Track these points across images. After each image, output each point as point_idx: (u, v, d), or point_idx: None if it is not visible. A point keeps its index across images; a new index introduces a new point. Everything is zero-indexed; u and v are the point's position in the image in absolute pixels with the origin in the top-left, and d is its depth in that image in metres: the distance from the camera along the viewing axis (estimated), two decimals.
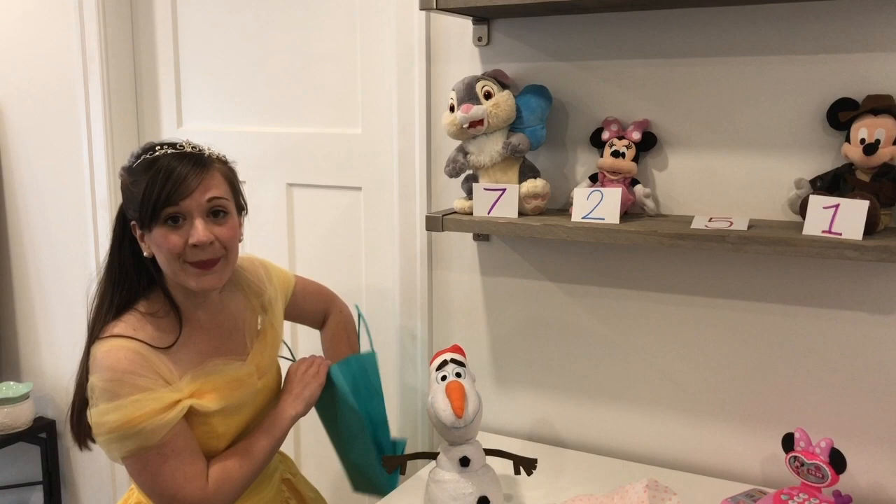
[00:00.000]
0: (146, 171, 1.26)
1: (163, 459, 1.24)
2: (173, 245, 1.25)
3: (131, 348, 1.25)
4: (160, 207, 1.24)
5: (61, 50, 2.24)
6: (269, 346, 1.48)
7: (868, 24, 1.37)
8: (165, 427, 1.23)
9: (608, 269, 1.66)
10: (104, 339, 1.26)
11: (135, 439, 1.22)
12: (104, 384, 1.23)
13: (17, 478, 2.57)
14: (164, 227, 1.25)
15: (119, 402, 1.21)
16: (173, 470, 1.25)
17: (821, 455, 1.32)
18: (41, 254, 2.42)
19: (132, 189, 1.28)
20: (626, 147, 1.52)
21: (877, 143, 1.32)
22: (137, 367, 1.24)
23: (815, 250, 1.29)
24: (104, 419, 1.22)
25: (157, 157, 1.27)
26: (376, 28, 1.87)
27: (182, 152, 1.29)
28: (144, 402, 1.22)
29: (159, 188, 1.23)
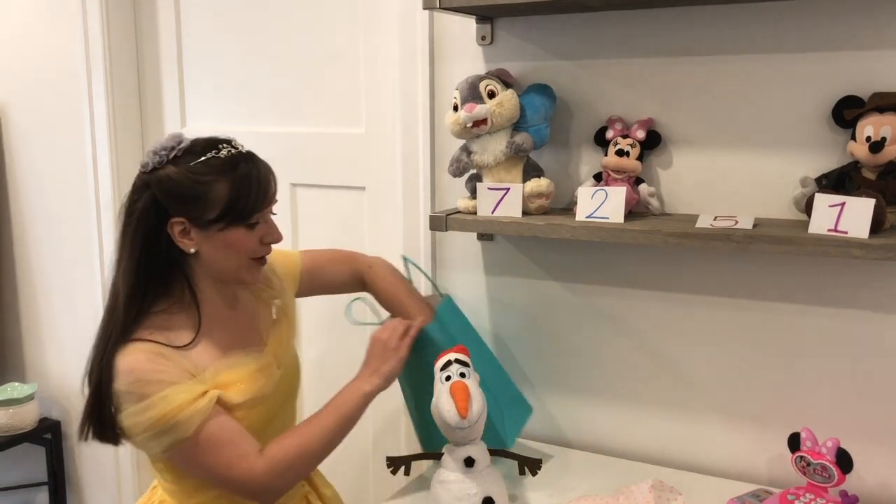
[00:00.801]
0: (223, 172, 1.27)
1: (205, 448, 1.24)
2: (249, 244, 1.32)
3: (150, 349, 1.26)
4: (251, 212, 1.29)
5: (65, 50, 2.25)
6: (284, 334, 1.48)
7: (874, 21, 1.37)
8: (199, 416, 1.24)
9: (613, 268, 1.66)
10: (123, 346, 1.26)
11: (171, 434, 1.23)
12: (129, 387, 1.23)
13: (23, 478, 2.57)
14: (241, 229, 1.30)
15: (148, 402, 1.22)
16: (216, 456, 1.25)
17: (827, 455, 1.31)
18: (45, 255, 2.43)
19: (199, 187, 1.26)
20: (631, 146, 1.52)
21: (883, 140, 1.31)
22: (160, 365, 1.25)
23: (820, 249, 1.29)
24: (137, 420, 1.23)
25: (232, 157, 1.29)
26: (379, 28, 1.87)
27: (248, 153, 1.33)
28: (173, 395, 1.23)
29: (254, 193, 1.29)
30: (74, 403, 2.47)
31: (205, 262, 1.32)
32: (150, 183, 1.28)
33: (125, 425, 1.25)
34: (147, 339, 1.27)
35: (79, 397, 2.42)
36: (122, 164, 2.25)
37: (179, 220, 1.28)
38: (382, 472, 2.02)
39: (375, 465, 2.06)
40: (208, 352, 1.33)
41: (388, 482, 1.84)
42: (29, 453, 2.50)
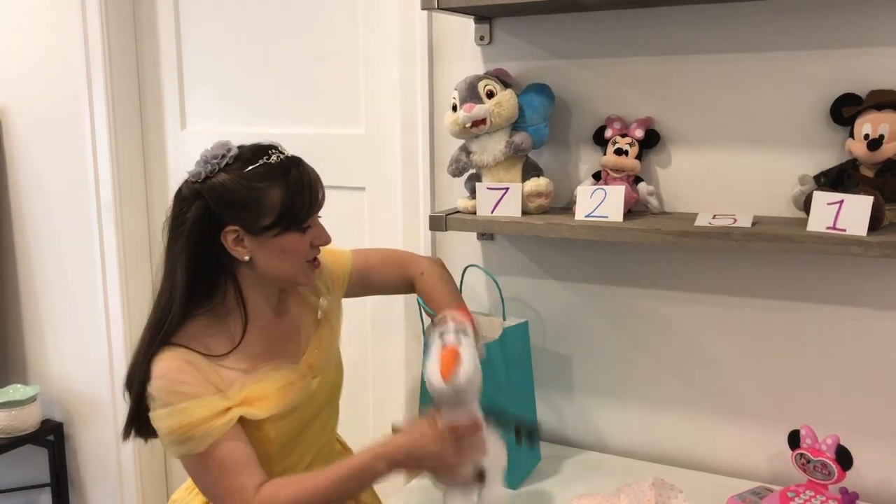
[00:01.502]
0: (276, 179, 1.27)
1: (209, 469, 1.25)
2: (302, 248, 1.32)
3: (183, 357, 1.27)
4: (304, 217, 1.30)
5: (65, 53, 2.25)
6: (325, 338, 1.46)
7: (871, 19, 1.37)
8: (213, 435, 1.24)
9: (612, 267, 1.66)
10: (161, 350, 1.28)
11: (185, 445, 1.24)
12: (157, 392, 1.25)
13: (25, 480, 2.58)
14: (294, 234, 1.30)
15: (170, 409, 1.23)
16: (216, 480, 1.25)
17: (827, 452, 1.31)
18: (47, 257, 2.43)
19: (253, 194, 1.26)
20: (630, 145, 1.52)
21: (881, 138, 1.31)
22: (187, 376, 1.26)
23: (819, 246, 1.29)
24: (160, 424, 1.25)
25: (282, 164, 1.29)
26: (378, 28, 1.87)
27: (297, 159, 1.33)
28: (192, 409, 1.23)
29: (307, 198, 1.29)
30: (76, 405, 2.47)
31: (258, 268, 1.32)
32: (201, 192, 1.27)
33: (154, 425, 1.27)
34: (184, 345, 1.28)
35: (80, 399, 2.45)
36: (123, 166, 2.26)
37: (233, 228, 1.27)
38: None
39: None
40: (240, 364, 1.32)
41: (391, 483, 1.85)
42: (31, 455, 2.50)
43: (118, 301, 2.30)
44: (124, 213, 2.28)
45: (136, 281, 2.33)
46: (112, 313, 2.32)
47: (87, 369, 2.41)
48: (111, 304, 2.32)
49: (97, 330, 2.36)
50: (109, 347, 2.35)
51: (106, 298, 2.32)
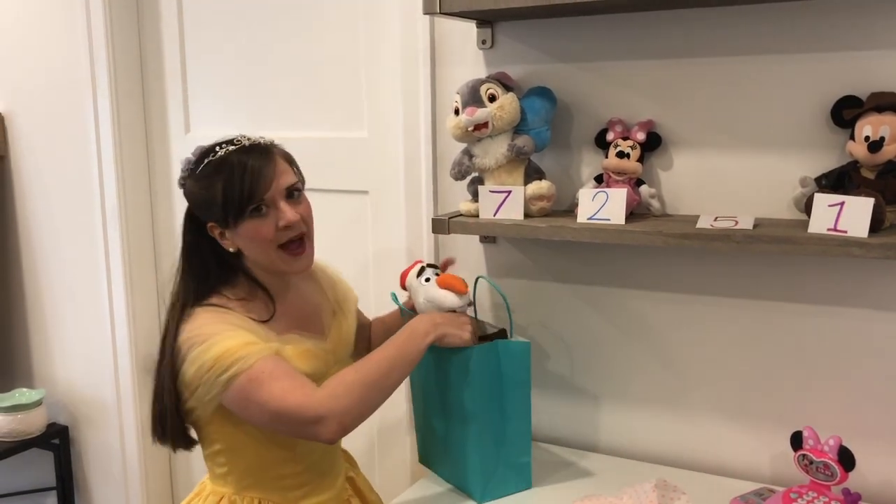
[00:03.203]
0: (217, 173, 1.32)
1: (261, 382, 1.26)
2: (266, 233, 1.33)
3: (215, 310, 1.33)
4: (245, 203, 1.32)
5: (69, 58, 2.26)
6: (343, 332, 1.53)
7: (872, 21, 1.37)
8: (259, 352, 1.27)
9: (614, 269, 1.66)
10: (189, 311, 1.33)
11: (232, 367, 1.25)
12: (192, 332, 1.29)
13: (31, 483, 2.59)
14: (252, 220, 1.33)
15: (212, 340, 1.27)
16: (270, 388, 1.25)
17: (829, 453, 1.32)
18: (52, 262, 2.44)
19: (205, 193, 1.34)
20: (631, 147, 1.53)
21: (881, 140, 1.31)
22: (225, 315, 1.32)
23: (820, 248, 1.29)
24: (201, 361, 1.26)
25: (223, 156, 1.34)
26: (381, 33, 1.88)
27: (244, 146, 1.36)
28: (237, 334, 1.28)
29: (240, 185, 1.31)
30: (82, 409, 2.48)
31: (248, 258, 1.39)
32: (184, 196, 1.39)
33: (189, 375, 1.28)
34: (213, 304, 1.34)
35: (86, 402, 2.46)
36: (128, 172, 2.27)
37: (212, 224, 1.37)
38: (388, 473, 2.04)
39: (381, 465, 2.06)
40: (273, 329, 1.37)
41: (395, 485, 1.86)
42: (37, 458, 2.51)
43: (123, 305, 2.31)
44: (129, 217, 2.29)
45: (141, 285, 2.34)
46: (117, 317, 2.33)
47: (93, 373, 2.42)
48: (116, 309, 2.33)
49: (102, 334, 2.37)
50: (114, 351, 2.36)
51: (111, 303, 2.33)
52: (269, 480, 1.41)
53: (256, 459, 1.40)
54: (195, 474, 2.44)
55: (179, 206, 2.26)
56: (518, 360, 1.47)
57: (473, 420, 1.44)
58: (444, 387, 1.48)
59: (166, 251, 2.34)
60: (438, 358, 1.48)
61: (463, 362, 1.43)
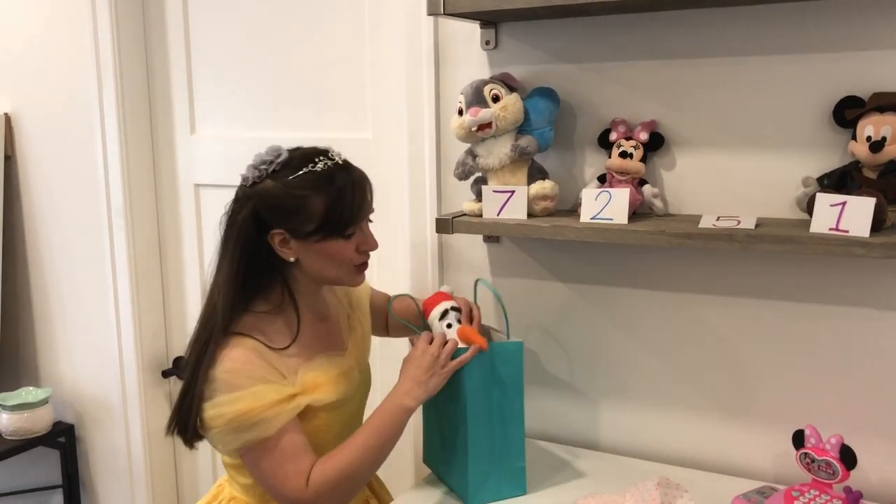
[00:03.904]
0: (320, 187, 1.31)
1: (272, 455, 1.28)
2: (348, 253, 1.36)
3: (251, 346, 1.32)
4: (346, 225, 1.33)
5: (75, 59, 2.27)
6: (360, 339, 1.54)
7: (874, 21, 1.38)
8: (282, 419, 1.28)
9: (617, 268, 1.67)
10: (225, 339, 1.31)
11: (251, 431, 1.26)
12: (225, 375, 1.28)
13: (37, 482, 2.60)
14: (339, 240, 1.34)
15: (239, 394, 1.27)
16: (277, 466, 1.28)
17: (831, 451, 1.32)
18: (58, 261, 2.46)
19: (296, 202, 1.31)
20: (634, 147, 1.53)
21: (883, 140, 1.32)
22: (257, 362, 1.30)
23: (822, 248, 1.30)
24: (222, 411, 1.27)
25: (327, 171, 1.33)
26: (385, 34, 1.89)
27: (343, 165, 1.36)
28: (264, 392, 1.28)
29: (349, 207, 1.33)
30: (88, 407, 2.50)
31: (305, 269, 1.38)
32: (250, 196, 1.34)
33: (208, 415, 1.28)
34: (249, 335, 1.32)
35: (92, 401, 2.47)
36: (133, 171, 2.28)
37: (279, 231, 1.33)
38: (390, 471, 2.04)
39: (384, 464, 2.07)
40: (298, 355, 1.37)
41: (398, 482, 1.87)
42: (43, 457, 2.53)
43: (129, 304, 2.32)
44: (134, 217, 2.30)
45: (147, 284, 2.35)
46: (123, 316, 2.34)
47: (99, 372, 2.43)
48: (122, 308, 2.34)
49: (108, 333, 2.38)
50: (120, 350, 2.37)
51: (117, 301, 2.34)
52: None
53: None
54: (201, 473, 2.45)
55: (185, 205, 2.29)
56: (511, 361, 1.47)
57: (467, 422, 1.44)
58: (445, 389, 1.49)
59: (172, 251, 2.36)
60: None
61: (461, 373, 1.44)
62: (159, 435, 2.43)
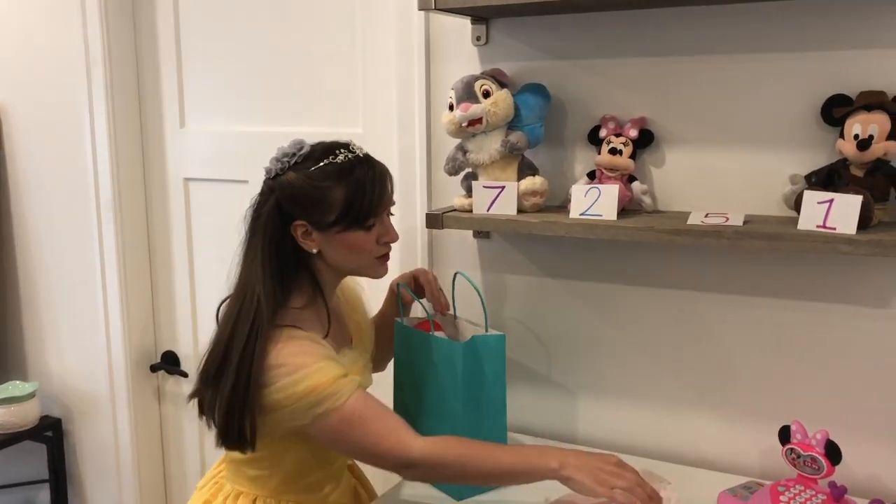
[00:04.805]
0: (341, 178, 1.33)
1: (354, 421, 1.28)
2: (368, 245, 1.38)
3: (302, 334, 1.33)
4: (366, 216, 1.35)
5: (64, 52, 2.26)
6: (364, 335, 1.57)
7: (861, 20, 1.39)
8: (351, 387, 1.29)
9: (606, 264, 1.68)
10: (273, 331, 1.31)
11: (323, 403, 1.27)
12: (284, 359, 1.28)
13: (24, 476, 2.59)
14: (360, 231, 1.36)
15: (304, 371, 1.27)
16: (365, 428, 1.29)
17: (817, 447, 1.33)
18: (46, 253, 2.44)
19: (318, 193, 1.33)
20: (624, 144, 1.54)
21: (870, 138, 1.33)
22: (313, 345, 1.33)
23: (809, 245, 1.31)
24: (290, 392, 1.27)
25: (348, 162, 1.35)
26: (376, 28, 1.89)
27: (364, 158, 1.38)
28: (329, 367, 1.29)
29: (369, 198, 1.35)
30: (75, 402, 2.49)
31: (328, 260, 1.40)
32: (273, 188, 1.36)
33: (274, 398, 1.27)
34: (292, 325, 1.34)
35: (79, 395, 2.46)
36: (122, 164, 2.27)
37: (301, 222, 1.35)
38: None
39: None
40: (333, 346, 1.39)
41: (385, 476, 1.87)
42: (30, 451, 2.52)
43: (117, 298, 2.31)
44: (123, 211, 2.29)
45: (136, 278, 2.34)
46: (111, 310, 2.33)
47: (86, 366, 2.43)
48: (110, 302, 2.33)
49: (96, 327, 2.37)
50: (108, 344, 2.36)
51: (105, 296, 2.33)
52: (307, 484, 1.45)
53: (301, 466, 1.43)
54: (188, 467, 2.45)
55: (174, 199, 2.28)
56: (494, 353, 1.47)
57: (451, 415, 1.44)
58: (423, 382, 1.50)
59: (161, 245, 2.35)
60: (417, 353, 1.50)
61: (442, 358, 1.44)
62: (147, 429, 2.43)
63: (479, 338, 1.46)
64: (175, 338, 2.38)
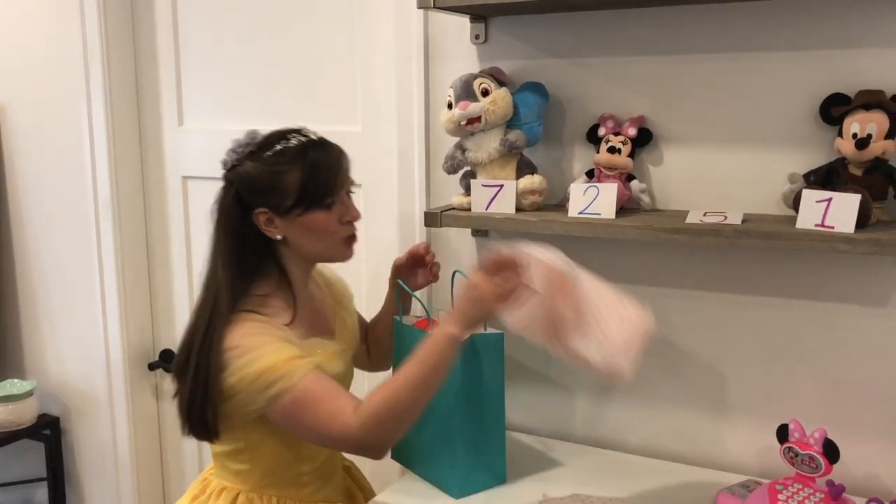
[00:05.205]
0: (294, 161, 1.34)
1: (305, 402, 1.29)
2: (331, 224, 1.38)
3: (257, 318, 1.34)
4: (322, 196, 1.35)
5: (62, 50, 2.26)
6: (348, 324, 1.56)
7: (860, 19, 1.39)
8: (304, 368, 1.29)
9: (605, 263, 1.67)
10: (231, 317, 1.33)
11: (276, 385, 1.27)
12: (239, 341, 1.30)
13: (22, 474, 2.59)
14: (319, 212, 1.36)
15: (257, 353, 1.28)
16: (315, 410, 1.29)
17: (815, 446, 1.33)
18: (44, 252, 2.44)
19: (273, 178, 1.34)
20: (622, 143, 1.54)
21: (868, 137, 1.33)
22: (267, 327, 1.34)
23: (807, 243, 1.31)
24: (244, 373, 1.28)
25: (301, 146, 1.36)
26: (375, 27, 1.88)
27: (317, 140, 1.39)
28: (283, 348, 1.30)
29: (324, 177, 1.35)
30: (73, 400, 2.48)
31: (294, 246, 1.40)
32: (232, 180, 1.38)
33: (229, 383, 1.29)
34: (254, 310, 1.35)
35: (77, 393, 2.46)
36: (120, 163, 2.27)
37: (262, 210, 1.36)
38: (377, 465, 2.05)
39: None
40: (299, 332, 1.39)
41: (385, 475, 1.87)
42: (28, 449, 2.51)
43: (115, 296, 2.31)
44: (122, 209, 2.29)
45: (134, 277, 2.34)
46: (109, 309, 2.33)
47: (84, 364, 2.42)
48: (108, 300, 2.33)
49: (94, 325, 2.37)
50: (106, 343, 2.36)
51: (103, 294, 2.33)
52: (289, 479, 1.44)
53: (280, 459, 1.42)
54: (186, 465, 2.45)
55: (173, 197, 2.28)
56: (493, 351, 1.48)
57: (451, 414, 1.44)
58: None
59: (159, 243, 2.34)
60: None
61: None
62: (145, 427, 2.43)
63: (478, 336, 1.46)
64: (173, 336, 2.38)
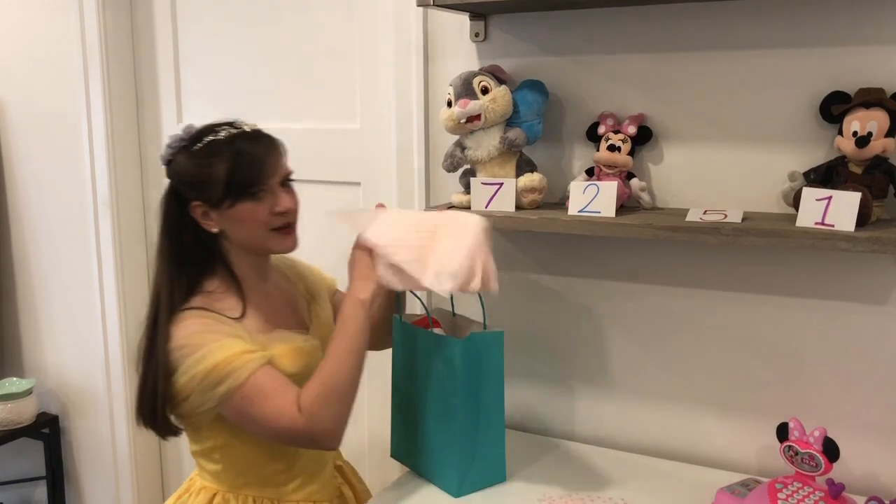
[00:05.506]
0: (220, 153, 1.34)
1: (253, 399, 1.28)
2: (260, 215, 1.36)
3: (204, 315, 1.33)
4: (248, 186, 1.33)
5: (62, 48, 2.26)
6: (324, 318, 1.54)
7: (860, 17, 1.39)
8: (252, 365, 1.28)
9: (604, 261, 1.68)
10: (176, 315, 1.32)
11: (225, 382, 1.27)
12: (186, 340, 1.29)
13: (21, 473, 2.59)
14: (248, 202, 1.34)
15: (205, 350, 1.27)
16: (263, 405, 1.28)
17: (814, 444, 1.33)
18: (43, 251, 2.44)
19: (203, 171, 1.34)
20: (622, 141, 1.54)
21: (869, 135, 1.33)
22: (214, 324, 1.32)
23: (807, 241, 1.31)
24: (193, 372, 1.28)
25: (228, 137, 1.35)
26: (374, 24, 1.88)
27: (247, 132, 1.38)
28: (230, 344, 1.29)
29: (248, 168, 1.33)
30: (72, 398, 2.48)
31: (232, 238, 1.39)
32: (169, 175, 1.39)
33: (180, 384, 1.29)
34: (199, 307, 1.34)
35: (76, 392, 2.46)
36: (119, 161, 2.27)
37: (197, 203, 1.36)
38: (377, 465, 2.05)
39: (371, 457, 2.07)
40: (256, 325, 1.38)
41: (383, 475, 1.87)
42: (27, 448, 2.51)
43: (114, 295, 2.31)
44: (120, 207, 2.29)
45: (132, 275, 2.34)
46: (108, 307, 2.33)
47: (83, 363, 2.42)
48: (107, 298, 2.33)
49: (93, 324, 2.37)
50: (105, 341, 2.36)
51: (102, 292, 2.33)
52: (264, 477, 1.42)
53: (251, 458, 1.41)
54: (185, 464, 2.45)
55: None
56: (492, 350, 1.47)
57: (451, 413, 1.44)
58: (423, 380, 1.49)
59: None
60: (415, 349, 1.49)
61: (441, 354, 1.44)
62: None
63: (477, 334, 1.45)
64: None
